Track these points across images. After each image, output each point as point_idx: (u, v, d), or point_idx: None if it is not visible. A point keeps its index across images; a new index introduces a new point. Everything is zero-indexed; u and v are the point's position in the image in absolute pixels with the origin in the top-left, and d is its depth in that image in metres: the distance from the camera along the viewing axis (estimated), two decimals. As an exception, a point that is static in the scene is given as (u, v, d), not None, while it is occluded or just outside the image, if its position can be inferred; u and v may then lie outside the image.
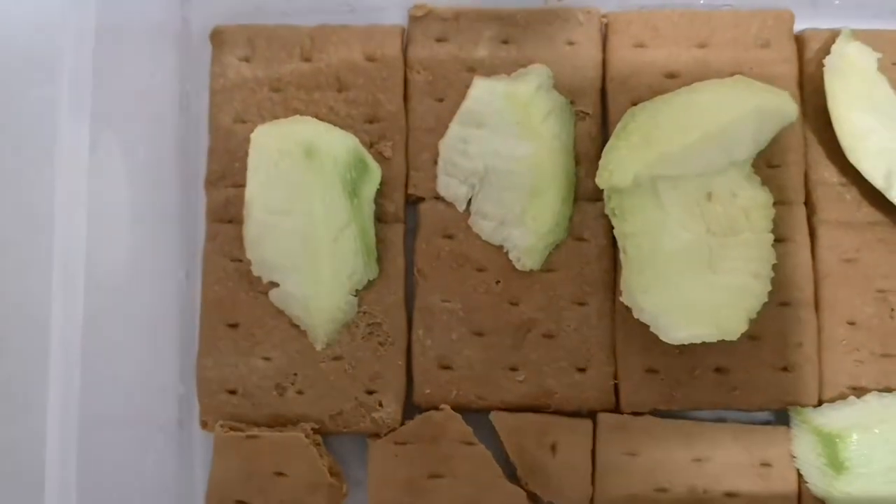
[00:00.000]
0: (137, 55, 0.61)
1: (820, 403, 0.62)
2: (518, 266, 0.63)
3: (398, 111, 0.65)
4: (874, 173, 0.61)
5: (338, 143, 0.61)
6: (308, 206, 0.61)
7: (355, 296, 0.62)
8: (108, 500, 0.55)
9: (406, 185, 0.64)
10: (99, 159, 0.55)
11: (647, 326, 0.60)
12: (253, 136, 0.62)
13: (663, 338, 0.59)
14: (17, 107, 0.67)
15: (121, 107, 0.58)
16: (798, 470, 0.61)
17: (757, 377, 0.61)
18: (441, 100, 0.65)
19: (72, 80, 0.54)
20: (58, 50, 0.54)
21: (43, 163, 0.59)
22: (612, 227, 0.62)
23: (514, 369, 0.62)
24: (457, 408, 0.62)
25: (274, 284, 0.62)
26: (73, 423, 0.52)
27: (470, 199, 0.64)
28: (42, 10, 0.67)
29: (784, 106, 0.60)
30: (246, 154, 0.63)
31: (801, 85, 0.65)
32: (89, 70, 0.54)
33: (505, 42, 0.65)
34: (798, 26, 0.66)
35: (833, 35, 0.64)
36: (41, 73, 0.66)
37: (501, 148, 0.63)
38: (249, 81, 0.65)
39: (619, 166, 0.60)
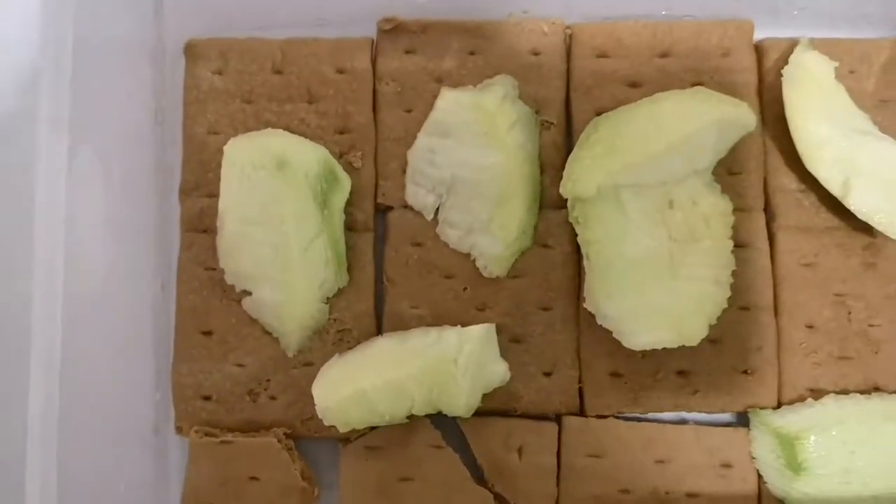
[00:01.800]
0: (112, 69, 0.62)
1: (779, 405, 0.63)
2: (485, 273, 0.64)
3: (367, 122, 0.66)
4: (831, 181, 0.63)
5: (309, 156, 0.63)
6: (280, 217, 0.62)
7: (326, 303, 0.64)
8: (87, 505, 0.57)
9: (375, 195, 0.66)
10: (76, 172, 0.56)
11: (611, 332, 0.62)
12: (226, 148, 0.63)
13: (625, 343, 0.61)
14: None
15: (97, 120, 0.59)
16: (758, 471, 0.62)
17: (717, 380, 0.63)
18: (409, 111, 0.66)
19: (50, 94, 0.55)
20: (36, 64, 0.56)
21: (21, 175, 0.60)
22: (576, 235, 0.63)
23: (481, 374, 0.64)
24: (426, 412, 0.63)
25: (247, 293, 0.64)
26: (52, 430, 0.53)
27: (438, 208, 0.65)
28: (19, 24, 0.68)
29: (743, 117, 0.62)
30: (219, 165, 0.64)
31: (760, 93, 0.67)
32: (67, 84, 0.55)
33: (471, 53, 0.67)
34: (758, 35, 0.68)
35: (792, 44, 0.66)
36: (19, 85, 0.68)
37: (468, 158, 0.64)
38: (222, 94, 0.67)
39: (582, 176, 0.62)
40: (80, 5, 0.57)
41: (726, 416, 0.65)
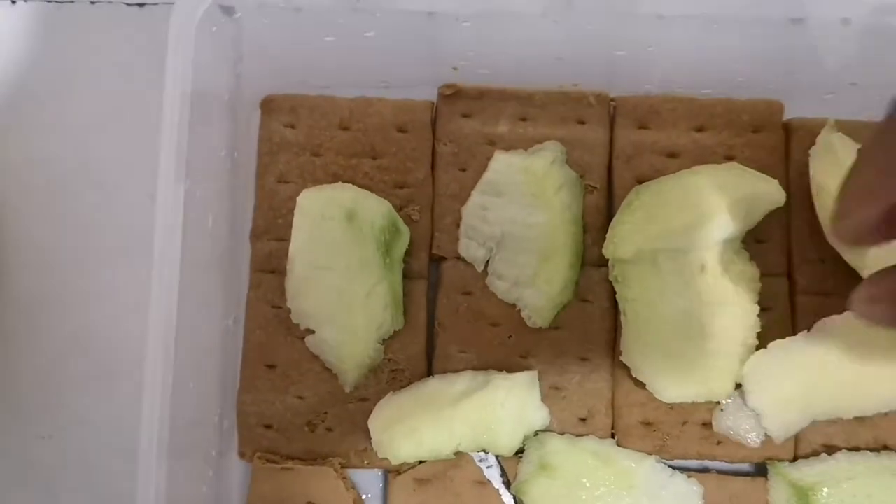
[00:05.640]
0: (196, 119, 0.67)
1: (795, 459, 0.68)
2: (529, 323, 0.69)
3: (426, 179, 0.72)
4: (850, 254, 0.68)
5: (375, 209, 0.68)
6: (346, 264, 0.67)
7: (382, 344, 0.69)
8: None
9: (430, 246, 0.71)
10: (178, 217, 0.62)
11: (644, 384, 0.67)
12: (299, 199, 0.69)
13: (657, 396, 0.66)
14: (117, 159, 0.75)
15: (184, 166, 0.63)
16: (774, 518, 0.68)
17: (739, 432, 0.68)
18: (464, 170, 0.72)
19: (168, 142, 0.61)
20: (158, 117, 0.61)
21: (143, 218, 0.65)
22: (615, 292, 0.69)
23: (522, 416, 0.69)
24: (470, 449, 0.68)
25: (310, 331, 0.69)
26: (163, 456, 0.59)
27: (488, 261, 0.70)
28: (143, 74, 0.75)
29: (773, 193, 0.67)
30: (288, 211, 0.70)
31: (787, 168, 0.72)
32: (186, 133, 0.61)
33: (523, 119, 0.72)
34: (788, 115, 0.73)
35: (819, 124, 0.71)
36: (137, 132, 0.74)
37: (517, 216, 0.70)
38: (293, 146, 0.72)
39: (623, 239, 0.67)
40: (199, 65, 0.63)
41: (746, 467, 0.70)
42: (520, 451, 0.68)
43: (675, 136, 0.72)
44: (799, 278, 0.70)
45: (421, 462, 0.68)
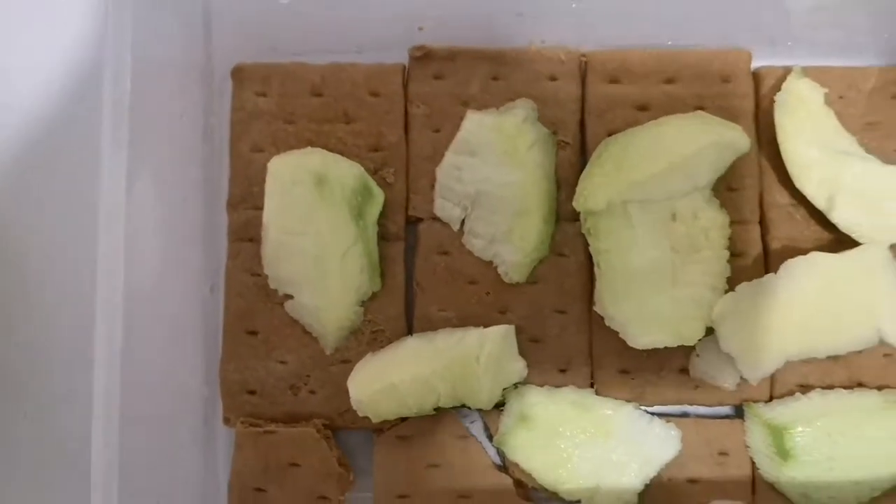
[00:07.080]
0: (165, 89, 0.67)
1: (770, 399, 0.70)
2: (506, 279, 0.70)
3: (399, 141, 0.72)
4: (818, 197, 0.69)
5: (345, 172, 0.69)
6: (319, 228, 0.68)
7: (361, 306, 0.70)
8: (144, 490, 0.62)
9: (406, 208, 0.72)
10: (134, 183, 0.61)
11: (618, 333, 0.68)
12: (269, 165, 0.69)
13: (630, 343, 0.67)
14: (64, 136, 0.75)
15: (152, 135, 0.64)
16: (751, 458, 0.69)
17: (716, 377, 0.69)
18: (438, 131, 0.72)
19: (111, 111, 0.60)
20: (99, 82, 0.61)
21: (86, 186, 0.66)
22: (589, 245, 0.69)
23: (502, 371, 0.70)
24: (452, 405, 0.69)
25: (289, 297, 0.70)
26: (115, 423, 0.58)
27: (463, 220, 0.71)
28: (83, 46, 0.76)
29: (737, 139, 0.68)
30: (263, 180, 0.70)
31: (757, 117, 0.72)
32: (127, 101, 0.60)
33: (495, 79, 0.72)
34: (755, 64, 0.73)
35: (786, 72, 0.72)
36: (83, 102, 0.75)
37: (491, 174, 0.70)
38: (265, 114, 0.72)
39: (593, 192, 0.68)
40: (137, 29, 0.62)
41: (724, 409, 0.72)
42: (501, 405, 0.69)
43: (646, 89, 0.72)
44: (770, 224, 0.71)
45: (403, 420, 0.69)
